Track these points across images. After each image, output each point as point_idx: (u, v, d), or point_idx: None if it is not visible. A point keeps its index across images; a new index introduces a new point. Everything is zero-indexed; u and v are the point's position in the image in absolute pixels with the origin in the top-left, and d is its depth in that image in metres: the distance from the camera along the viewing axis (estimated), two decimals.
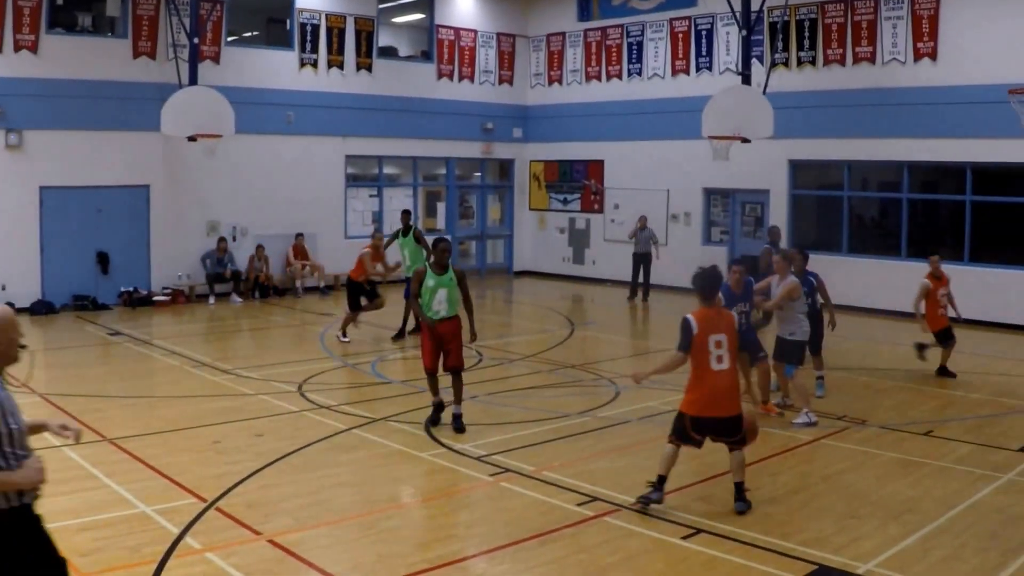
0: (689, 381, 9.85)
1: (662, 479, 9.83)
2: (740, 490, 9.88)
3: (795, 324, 13.62)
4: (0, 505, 5.35)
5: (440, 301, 12.79)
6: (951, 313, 16.71)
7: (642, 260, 26.37)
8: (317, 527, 9.19)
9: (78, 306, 23.18)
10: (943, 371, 16.74)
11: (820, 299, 14.86)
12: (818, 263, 22.77)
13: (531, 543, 8.86)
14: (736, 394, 9.94)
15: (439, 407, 13.07)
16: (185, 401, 14.30)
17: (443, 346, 12.84)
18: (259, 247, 25.94)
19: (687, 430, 9.79)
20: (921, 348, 16.73)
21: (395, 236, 20.82)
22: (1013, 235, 22.72)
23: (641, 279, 26.45)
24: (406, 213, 21.12)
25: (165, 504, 9.57)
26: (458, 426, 12.81)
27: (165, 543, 8.49)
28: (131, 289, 23.91)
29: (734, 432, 9.80)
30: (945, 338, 16.57)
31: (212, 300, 24.72)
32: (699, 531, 9.20)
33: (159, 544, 8.46)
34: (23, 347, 5.72)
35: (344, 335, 19.38)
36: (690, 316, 9.76)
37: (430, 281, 12.76)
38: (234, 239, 25.85)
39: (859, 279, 23.06)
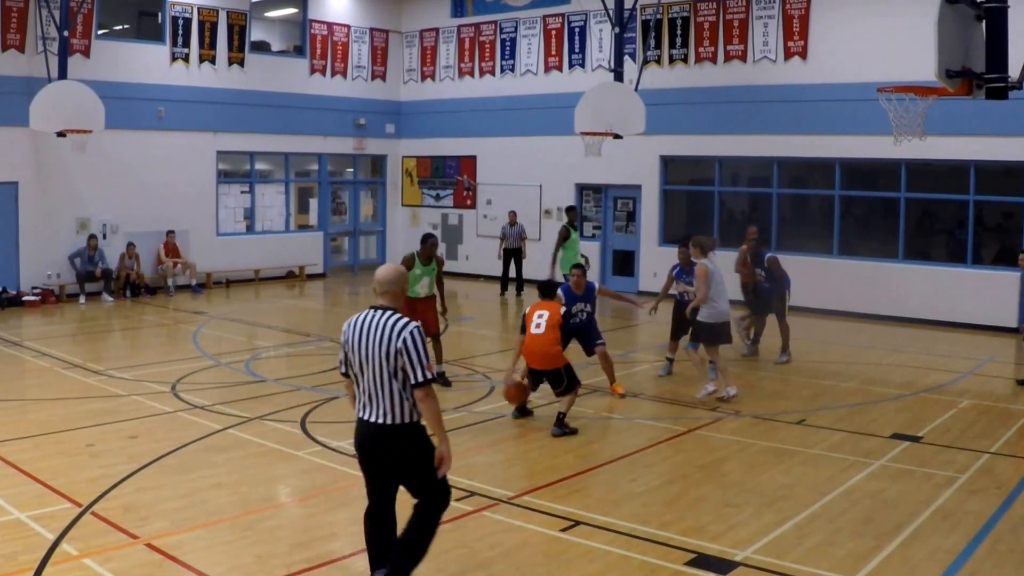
0: None
1: (522, 406, 13.25)
2: (560, 417, 12.54)
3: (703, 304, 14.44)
4: (416, 419, 7.32)
5: (423, 285, 15.38)
6: None
7: (513, 255, 26.55)
8: (195, 529, 9.12)
9: None
10: None
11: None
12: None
13: None
14: (550, 356, 12.69)
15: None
16: (57, 404, 14.03)
17: (420, 317, 14.72)
18: (130, 245, 25.47)
19: (525, 373, 13.01)
20: None
21: (566, 236, 21.40)
22: (881, 228, 23.46)
23: (513, 274, 26.66)
24: (571, 209, 22.01)
25: (40, 510, 9.39)
26: (444, 381, 15.41)
27: (41, 550, 8.35)
28: (0, 289, 23.37)
29: (556, 384, 12.70)
30: None
31: (83, 299, 24.25)
32: (578, 523, 9.34)
33: (35, 551, 8.31)
34: None
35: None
36: (528, 308, 13.07)
37: (417, 271, 15.22)
38: (104, 237, 25.34)
39: (727, 272, 23.46)
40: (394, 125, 32.61)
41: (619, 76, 23.51)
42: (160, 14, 26.65)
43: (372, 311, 7.34)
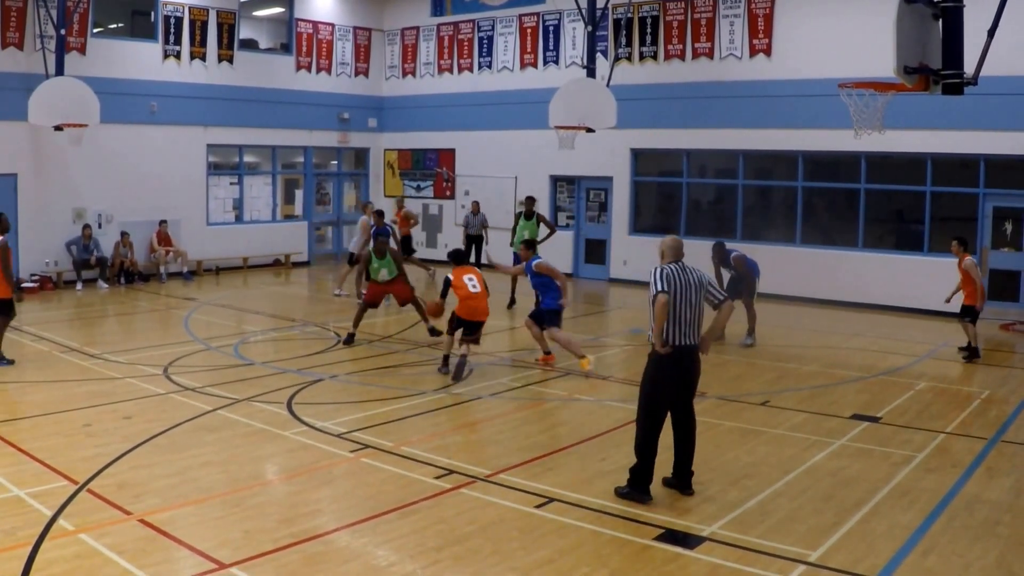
0: (459, 301, 14.54)
1: (446, 358, 14.89)
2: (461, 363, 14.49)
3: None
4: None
5: (383, 274, 17.44)
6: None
7: (475, 242, 26.65)
8: (186, 505, 9.07)
9: None
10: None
11: None
12: (656, 245, 23.46)
13: (392, 516, 8.87)
14: (487, 308, 14.85)
15: (352, 336, 17.26)
16: (54, 385, 13.94)
17: (389, 291, 17.76)
18: (124, 234, 25.33)
19: (452, 325, 14.77)
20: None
21: (518, 218, 22.22)
22: (840, 218, 23.55)
23: (473, 259, 26.75)
24: (530, 200, 22.56)
25: (38, 487, 9.33)
26: (434, 333, 17.30)
27: (39, 526, 8.29)
28: None
29: (475, 331, 14.70)
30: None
31: (79, 286, 24.08)
32: (551, 500, 9.32)
33: (33, 527, 8.26)
34: None
35: None
36: (449, 275, 14.71)
37: (375, 264, 17.41)
38: (99, 226, 25.21)
39: (695, 261, 23.39)
40: (376, 119, 32.50)
41: (591, 72, 23.57)
42: (153, 13, 26.47)
43: (673, 265, 9.36)
